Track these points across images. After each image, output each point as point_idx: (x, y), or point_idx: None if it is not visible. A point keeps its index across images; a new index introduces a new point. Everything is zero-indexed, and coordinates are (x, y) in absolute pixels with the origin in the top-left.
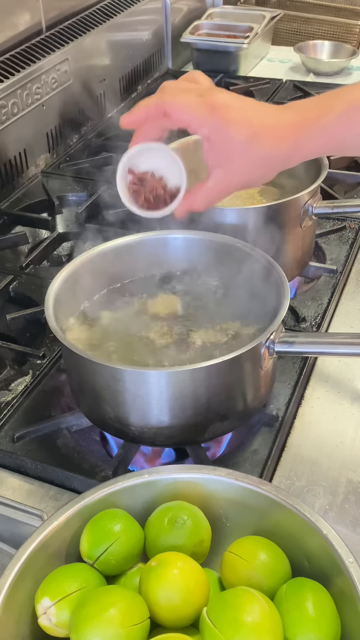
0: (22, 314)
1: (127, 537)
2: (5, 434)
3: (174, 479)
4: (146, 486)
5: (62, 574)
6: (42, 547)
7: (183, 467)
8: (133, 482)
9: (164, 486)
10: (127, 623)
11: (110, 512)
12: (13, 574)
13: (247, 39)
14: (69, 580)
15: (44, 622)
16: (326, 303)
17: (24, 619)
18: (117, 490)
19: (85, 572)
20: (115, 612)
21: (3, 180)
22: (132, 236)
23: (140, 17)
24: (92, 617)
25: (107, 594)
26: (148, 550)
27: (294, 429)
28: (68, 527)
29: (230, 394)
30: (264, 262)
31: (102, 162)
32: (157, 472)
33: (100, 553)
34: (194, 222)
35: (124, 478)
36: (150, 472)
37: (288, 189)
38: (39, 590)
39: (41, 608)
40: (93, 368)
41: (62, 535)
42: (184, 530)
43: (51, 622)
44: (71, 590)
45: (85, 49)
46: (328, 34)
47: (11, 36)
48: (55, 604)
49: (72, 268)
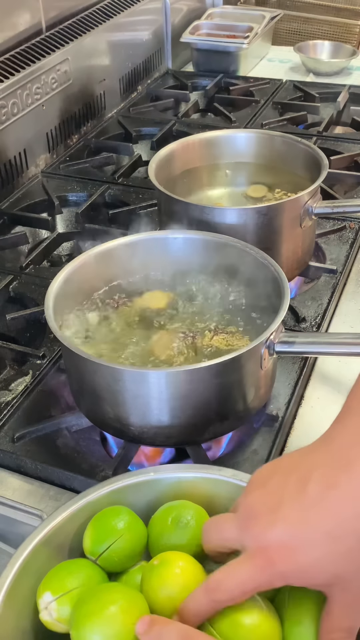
0: (22, 314)
1: (131, 535)
2: (5, 434)
3: (178, 478)
4: (150, 484)
5: (64, 570)
6: (45, 542)
7: (188, 466)
8: (138, 479)
9: (169, 485)
10: (128, 621)
11: (115, 509)
12: (15, 568)
13: (247, 39)
14: (71, 576)
15: (45, 617)
16: (326, 303)
17: (26, 613)
18: (121, 488)
19: (88, 568)
20: (115, 610)
21: (3, 180)
22: (132, 236)
23: (140, 17)
24: (92, 614)
25: (108, 592)
26: (150, 548)
27: (294, 429)
28: (71, 523)
29: (230, 394)
30: (264, 262)
31: (102, 162)
32: (162, 471)
33: (103, 549)
34: (193, 223)
35: (128, 475)
36: (155, 471)
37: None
38: (41, 585)
39: (42, 603)
40: (93, 368)
41: (65, 530)
42: (188, 530)
43: (52, 617)
44: (73, 586)
45: (85, 49)
46: (328, 34)
47: (11, 36)
48: (56, 600)
49: (72, 268)
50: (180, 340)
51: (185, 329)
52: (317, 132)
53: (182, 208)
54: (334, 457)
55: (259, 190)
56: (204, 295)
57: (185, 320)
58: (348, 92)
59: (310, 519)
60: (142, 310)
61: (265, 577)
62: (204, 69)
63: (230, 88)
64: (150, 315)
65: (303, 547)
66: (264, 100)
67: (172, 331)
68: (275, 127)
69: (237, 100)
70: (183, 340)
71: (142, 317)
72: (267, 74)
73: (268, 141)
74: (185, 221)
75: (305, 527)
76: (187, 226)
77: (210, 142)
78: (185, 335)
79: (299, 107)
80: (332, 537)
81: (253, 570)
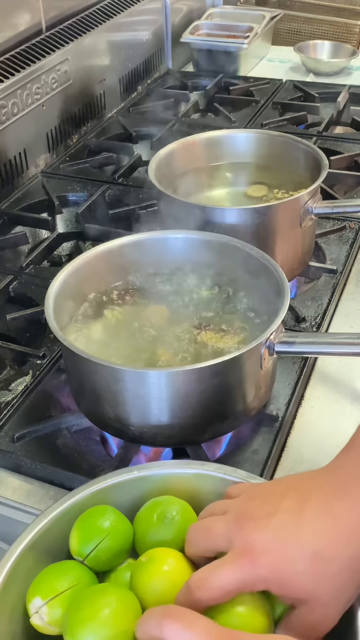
0: (22, 314)
1: (117, 533)
2: (5, 434)
3: (162, 474)
4: (135, 482)
5: (52, 573)
6: (32, 547)
7: (172, 462)
8: (122, 478)
9: (153, 482)
10: (122, 623)
11: (99, 509)
12: (3, 574)
13: (247, 39)
14: (59, 579)
15: (36, 621)
16: (326, 303)
17: (16, 618)
18: (106, 487)
19: (76, 569)
20: (109, 613)
21: (3, 180)
22: (132, 236)
23: (140, 17)
24: (86, 619)
25: (100, 595)
26: (137, 545)
27: (294, 429)
28: (57, 525)
29: (230, 393)
30: (264, 262)
31: (102, 162)
32: (146, 468)
33: (90, 550)
34: (193, 223)
35: (112, 475)
36: (139, 469)
37: (281, 187)
38: (30, 590)
39: (33, 608)
40: (93, 368)
41: (52, 533)
42: (173, 525)
43: (43, 621)
44: (62, 589)
45: (85, 49)
46: (328, 34)
47: (11, 36)
48: (46, 603)
49: (72, 268)
50: (181, 340)
51: (185, 329)
52: (317, 132)
53: (182, 208)
54: (334, 485)
55: (259, 190)
56: (203, 295)
57: (185, 320)
58: (348, 92)
59: (302, 536)
60: (143, 310)
61: (247, 577)
62: (204, 69)
63: (230, 88)
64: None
65: (288, 559)
66: (264, 100)
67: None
68: (275, 127)
69: (237, 100)
70: (183, 339)
71: (142, 317)
72: (267, 74)
73: (268, 141)
74: (185, 221)
75: (295, 541)
76: (187, 226)
77: (210, 142)
78: (183, 334)
79: (299, 107)
80: (319, 558)
81: (236, 569)
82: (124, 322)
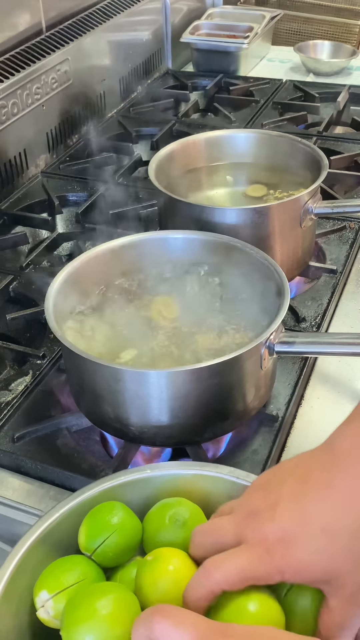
0: (22, 314)
1: (125, 529)
2: (5, 434)
3: (175, 475)
4: (147, 482)
5: (59, 567)
6: (41, 540)
7: (184, 463)
8: (134, 477)
9: (165, 482)
10: (119, 625)
11: (109, 505)
12: (12, 566)
13: (247, 39)
14: (66, 573)
15: (42, 615)
16: (326, 303)
17: (23, 610)
18: (117, 485)
19: (83, 564)
20: (105, 614)
21: (3, 180)
22: (132, 236)
23: (140, 17)
24: (82, 619)
25: (98, 594)
26: (145, 545)
27: (294, 429)
28: (68, 520)
29: (230, 394)
30: (264, 262)
31: (102, 162)
32: (159, 468)
33: (97, 545)
34: (193, 223)
35: (125, 473)
36: (152, 468)
37: (281, 187)
38: (37, 584)
39: (39, 601)
40: (93, 368)
41: (62, 528)
42: (184, 528)
43: (49, 614)
44: (69, 583)
45: (85, 49)
46: (328, 34)
47: (11, 36)
48: (52, 597)
49: (72, 268)
50: (181, 340)
51: (185, 329)
52: (317, 132)
53: (182, 208)
54: (332, 460)
55: (259, 190)
56: (203, 296)
57: (185, 320)
58: (348, 92)
59: (307, 516)
60: (142, 310)
61: (263, 567)
62: (204, 69)
63: (230, 88)
64: (151, 317)
65: (300, 541)
66: (264, 100)
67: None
68: (275, 127)
69: (237, 100)
70: (184, 339)
71: (142, 317)
72: (267, 74)
73: (268, 141)
74: (185, 221)
75: (302, 522)
76: (187, 226)
77: (210, 142)
78: (183, 334)
79: (299, 107)
80: (327, 533)
81: (252, 557)
82: (123, 322)
